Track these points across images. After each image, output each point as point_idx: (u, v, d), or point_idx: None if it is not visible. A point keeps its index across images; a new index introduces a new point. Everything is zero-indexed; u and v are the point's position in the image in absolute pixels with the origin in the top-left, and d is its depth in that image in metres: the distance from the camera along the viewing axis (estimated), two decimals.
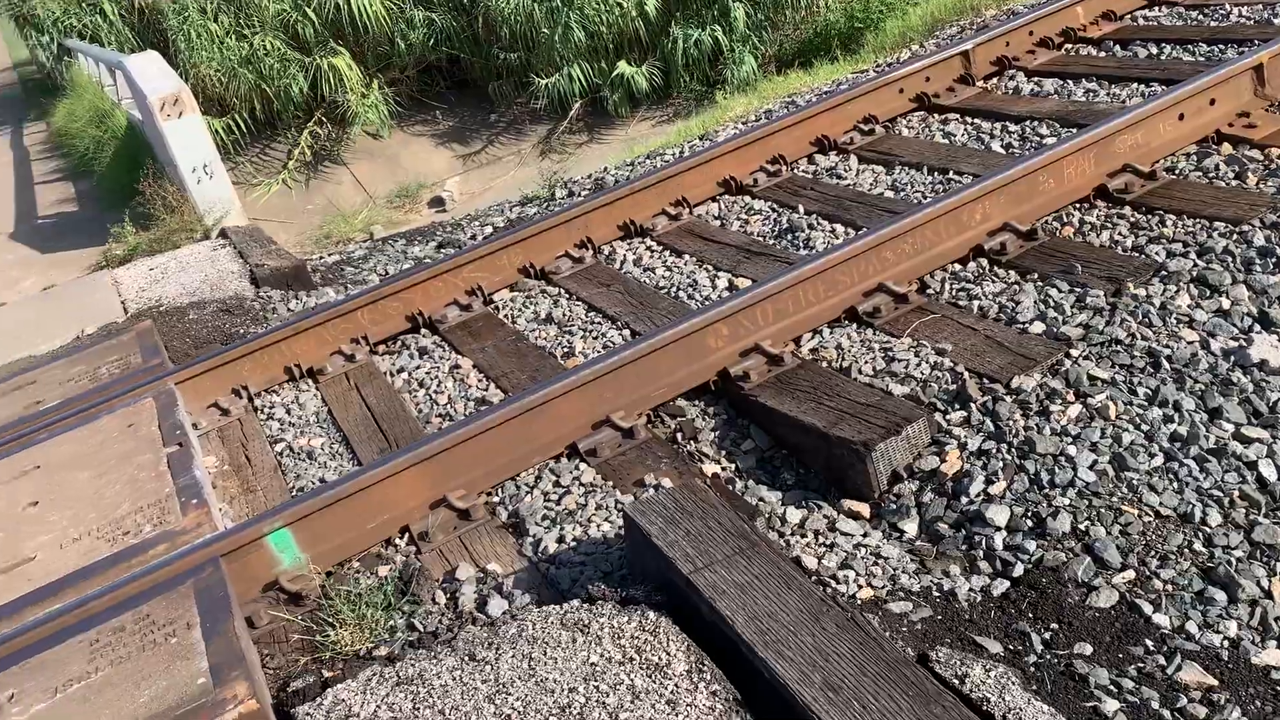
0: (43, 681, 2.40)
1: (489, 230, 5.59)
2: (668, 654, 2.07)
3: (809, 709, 1.87)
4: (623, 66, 10.41)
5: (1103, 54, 5.27)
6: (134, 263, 6.08)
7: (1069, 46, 5.45)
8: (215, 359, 4.00)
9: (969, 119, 4.92)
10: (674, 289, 4.06)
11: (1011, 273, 3.52)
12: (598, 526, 2.81)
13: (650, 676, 2.02)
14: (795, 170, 4.94)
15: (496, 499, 3.07)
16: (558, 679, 2.04)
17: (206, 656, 2.32)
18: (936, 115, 5.10)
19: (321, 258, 6.17)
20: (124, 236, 6.95)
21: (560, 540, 2.79)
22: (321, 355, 4.16)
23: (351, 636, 2.50)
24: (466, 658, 2.15)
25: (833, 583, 2.49)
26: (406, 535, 2.98)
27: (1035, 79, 5.16)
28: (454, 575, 2.74)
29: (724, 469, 3.04)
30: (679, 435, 3.20)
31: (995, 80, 5.30)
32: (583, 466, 3.10)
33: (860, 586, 2.49)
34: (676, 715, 1.92)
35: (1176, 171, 3.89)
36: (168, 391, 3.79)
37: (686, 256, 4.34)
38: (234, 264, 5.54)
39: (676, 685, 1.99)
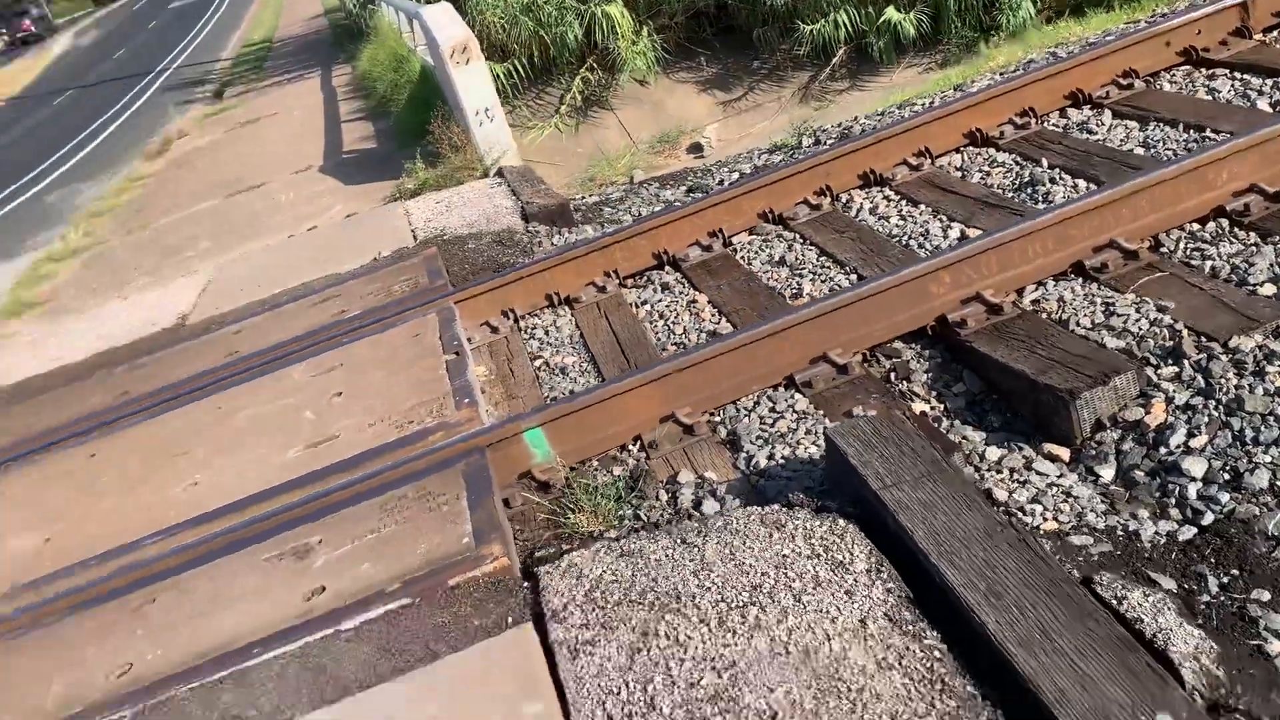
0: (344, 531, 2.98)
1: (735, 176, 5.89)
2: (851, 554, 2.36)
3: (970, 610, 2.11)
4: (890, 12, 10.31)
5: None
6: (422, 196, 6.84)
7: None
8: (488, 284, 4.56)
9: (1238, 74, 4.72)
10: (905, 238, 4.23)
11: (1252, 234, 3.47)
12: (805, 449, 3.10)
13: (833, 570, 2.32)
14: (1045, 124, 4.92)
15: (718, 419, 3.41)
16: (753, 564, 2.37)
17: (470, 522, 2.82)
18: (1203, 70, 4.91)
19: (584, 198, 6.69)
20: (415, 172, 7.76)
21: (770, 458, 3.10)
22: (577, 285, 4.63)
23: (587, 521, 2.94)
24: (679, 541, 2.52)
25: (1019, 514, 2.68)
26: (638, 443, 3.39)
27: None
28: (675, 479, 3.12)
29: (932, 408, 3.24)
30: (893, 375, 3.42)
31: (1277, 33, 5.02)
32: (797, 396, 3.38)
33: (1045, 520, 2.66)
34: (852, 602, 2.21)
35: None
36: (448, 309, 4.39)
37: (922, 206, 4.48)
38: (507, 201, 6.13)
39: (855, 580, 2.28)
